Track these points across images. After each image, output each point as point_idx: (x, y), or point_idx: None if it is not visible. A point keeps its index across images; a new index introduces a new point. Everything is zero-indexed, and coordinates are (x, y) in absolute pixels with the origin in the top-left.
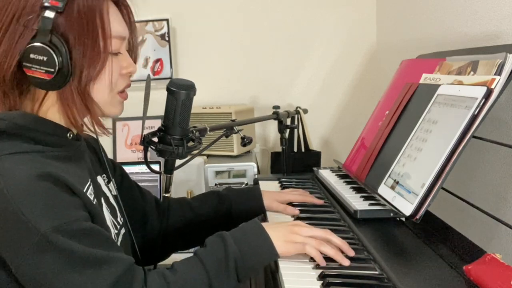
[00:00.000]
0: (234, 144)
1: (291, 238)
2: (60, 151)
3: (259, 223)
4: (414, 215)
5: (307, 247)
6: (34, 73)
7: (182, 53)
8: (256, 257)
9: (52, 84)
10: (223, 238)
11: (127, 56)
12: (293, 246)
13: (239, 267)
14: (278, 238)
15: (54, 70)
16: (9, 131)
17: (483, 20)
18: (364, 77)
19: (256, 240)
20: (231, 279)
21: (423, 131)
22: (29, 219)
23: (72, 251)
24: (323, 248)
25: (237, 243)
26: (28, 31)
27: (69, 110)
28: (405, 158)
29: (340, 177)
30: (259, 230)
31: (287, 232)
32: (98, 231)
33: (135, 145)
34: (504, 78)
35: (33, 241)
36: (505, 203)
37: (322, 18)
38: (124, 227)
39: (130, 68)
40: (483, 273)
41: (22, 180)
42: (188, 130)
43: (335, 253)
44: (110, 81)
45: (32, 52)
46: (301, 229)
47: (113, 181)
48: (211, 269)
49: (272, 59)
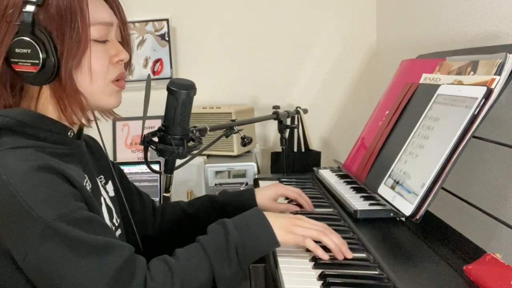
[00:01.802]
0: (234, 144)
1: (293, 229)
2: (60, 148)
3: (261, 211)
4: (414, 215)
5: (307, 241)
6: (22, 68)
7: (182, 53)
8: (257, 244)
9: (41, 77)
10: (224, 225)
11: (116, 43)
12: (293, 237)
13: (240, 253)
14: (280, 227)
15: (39, 61)
16: (10, 127)
17: (483, 20)
18: (364, 77)
19: (257, 227)
20: (233, 265)
21: (423, 131)
22: (33, 209)
23: (77, 239)
24: (323, 237)
25: (238, 230)
26: (12, 27)
27: (61, 103)
28: (405, 158)
29: (340, 177)
30: (261, 218)
31: (289, 223)
32: (100, 220)
33: (135, 145)
34: (504, 78)
35: (38, 230)
36: (505, 203)
37: (322, 18)
38: (120, 228)
39: (121, 55)
40: (483, 273)
41: (24, 171)
42: (188, 130)
43: (335, 245)
44: (97, 69)
45: (16, 47)
46: (303, 222)
47: (111, 182)
48: (213, 255)
49: (272, 59)
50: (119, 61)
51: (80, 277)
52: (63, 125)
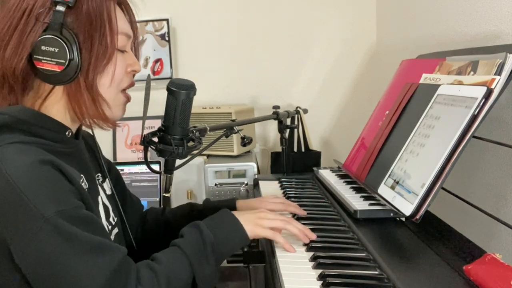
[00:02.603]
0: (234, 144)
1: (260, 222)
2: (58, 146)
3: (228, 211)
4: (414, 215)
5: (276, 236)
6: (45, 65)
7: (182, 53)
8: (229, 241)
9: (61, 77)
10: (198, 227)
11: (132, 55)
12: (262, 230)
13: (216, 251)
14: (247, 222)
15: (65, 61)
16: (10, 125)
17: (483, 20)
18: (364, 77)
19: (228, 225)
20: (211, 262)
21: (423, 131)
22: (33, 204)
23: (75, 236)
24: (288, 226)
25: (211, 229)
26: (39, 24)
27: (76, 105)
28: (405, 158)
29: (340, 177)
30: (230, 216)
31: (255, 217)
32: (97, 220)
33: (135, 145)
34: (504, 78)
35: (37, 226)
36: (505, 203)
37: (322, 18)
38: (117, 227)
39: (135, 66)
40: (483, 273)
41: (24, 166)
42: (188, 130)
43: (299, 230)
44: (116, 76)
45: (43, 44)
46: (266, 215)
47: (108, 180)
48: (191, 255)
49: (272, 59)
50: (132, 71)
51: (76, 276)
52: (61, 124)
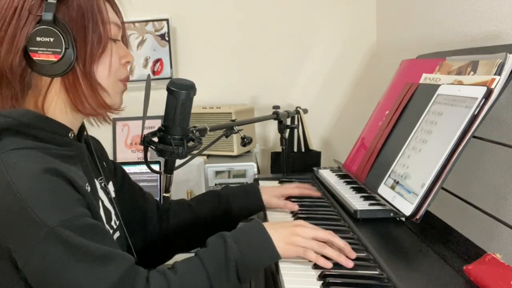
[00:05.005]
0: (234, 144)
1: (293, 240)
2: (62, 150)
3: (261, 223)
4: (414, 215)
5: (307, 253)
6: (41, 56)
7: (182, 53)
8: (256, 258)
9: (58, 68)
10: (224, 239)
11: (123, 45)
12: (294, 249)
13: (240, 268)
14: (280, 239)
15: (61, 50)
16: (13, 128)
17: (483, 20)
18: (364, 77)
19: (257, 241)
20: (232, 280)
21: (423, 131)
22: (37, 213)
23: (79, 246)
24: (325, 250)
25: (238, 244)
26: (32, 17)
27: (76, 97)
28: (405, 158)
29: (340, 177)
30: (261, 231)
31: (288, 233)
32: (102, 229)
33: (135, 145)
34: (504, 78)
35: (41, 235)
36: (505, 203)
37: (322, 18)
38: (119, 231)
39: (128, 57)
40: (483, 273)
41: (28, 174)
42: (188, 130)
43: (337, 255)
44: (113, 66)
45: (38, 35)
46: (303, 230)
47: (112, 183)
48: (211, 269)
49: (272, 59)
50: (127, 63)
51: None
52: (64, 126)
